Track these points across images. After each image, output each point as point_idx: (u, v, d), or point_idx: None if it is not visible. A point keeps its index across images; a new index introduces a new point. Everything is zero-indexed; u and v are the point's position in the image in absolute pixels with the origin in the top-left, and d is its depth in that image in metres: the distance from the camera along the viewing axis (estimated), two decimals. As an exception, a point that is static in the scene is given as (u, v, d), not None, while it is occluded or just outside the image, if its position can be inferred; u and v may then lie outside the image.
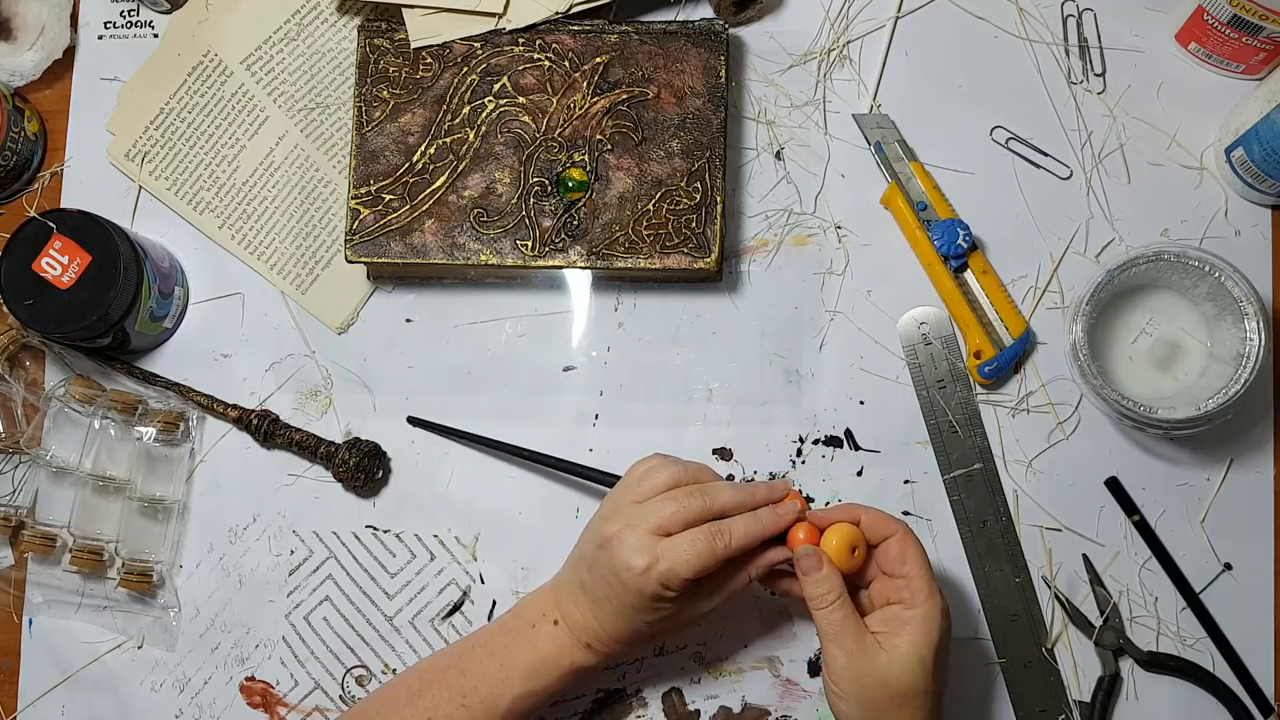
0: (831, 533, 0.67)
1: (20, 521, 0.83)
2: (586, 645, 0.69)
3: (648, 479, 0.69)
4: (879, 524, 0.68)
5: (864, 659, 0.64)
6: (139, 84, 0.87)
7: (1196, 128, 0.83)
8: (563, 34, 0.81)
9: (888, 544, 0.68)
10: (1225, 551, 0.80)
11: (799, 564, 0.67)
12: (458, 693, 0.69)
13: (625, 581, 0.65)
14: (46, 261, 0.77)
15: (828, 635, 0.65)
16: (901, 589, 0.66)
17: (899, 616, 0.66)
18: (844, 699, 0.65)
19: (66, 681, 0.83)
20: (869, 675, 0.64)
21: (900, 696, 0.64)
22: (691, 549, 0.65)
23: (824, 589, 0.66)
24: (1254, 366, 0.75)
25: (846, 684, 0.65)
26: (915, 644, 0.64)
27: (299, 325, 0.85)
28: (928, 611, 0.65)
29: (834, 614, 0.65)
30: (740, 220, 0.84)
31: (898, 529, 0.68)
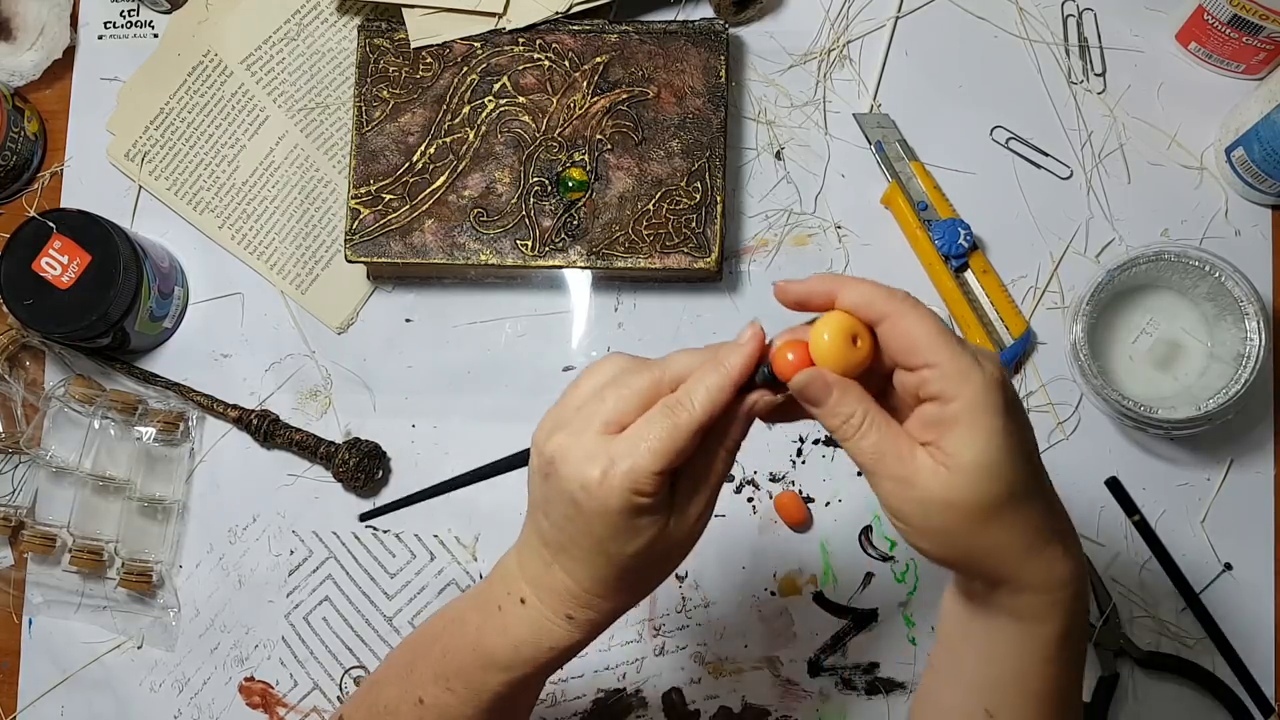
0: (820, 329, 0.50)
1: (20, 521, 0.83)
2: (567, 617, 0.55)
3: (587, 377, 0.54)
4: (868, 303, 0.50)
5: (918, 484, 0.48)
6: (139, 84, 0.87)
7: (1197, 128, 0.83)
8: (563, 34, 0.81)
9: (887, 331, 0.50)
10: (1225, 552, 0.80)
11: (804, 398, 0.50)
12: (442, 674, 0.59)
13: (584, 504, 0.51)
14: (46, 261, 0.77)
15: (867, 469, 0.50)
16: (929, 381, 0.49)
17: (941, 416, 0.48)
18: (916, 535, 0.50)
19: (66, 681, 0.83)
20: (931, 502, 0.48)
21: (981, 512, 0.48)
22: (650, 433, 0.50)
23: (845, 413, 0.49)
24: (1254, 366, 0.75)
25: (911, 516, 0.49)
26: (974, 448, 0.47)
27: (299, 325, 0.85)
28: (971, 398, 0.48)
29: (866, 440, 0.49)
30: (740, 220, 0.84)
31: (889, 309, 0.49)
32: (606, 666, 0.81)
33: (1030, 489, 0.49)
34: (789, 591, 0.81)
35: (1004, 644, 0.53)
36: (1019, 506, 0.49)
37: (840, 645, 0.80)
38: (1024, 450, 0.49)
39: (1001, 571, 0.50)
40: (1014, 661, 0.53)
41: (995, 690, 0.54)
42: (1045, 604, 0.51)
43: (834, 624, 0.81)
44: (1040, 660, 0.53)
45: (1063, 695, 0.54)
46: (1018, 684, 0.53)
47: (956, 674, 0.56)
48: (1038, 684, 0.53)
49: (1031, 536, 0.50)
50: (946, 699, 0.57)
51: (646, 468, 0.50)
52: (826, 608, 0.81)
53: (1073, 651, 0.53)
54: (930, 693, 0.59)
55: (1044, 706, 0.54)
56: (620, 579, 0.53)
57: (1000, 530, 0.49)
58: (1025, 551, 0.50)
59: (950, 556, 0.50)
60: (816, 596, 0.81)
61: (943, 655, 0.57)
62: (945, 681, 0.57)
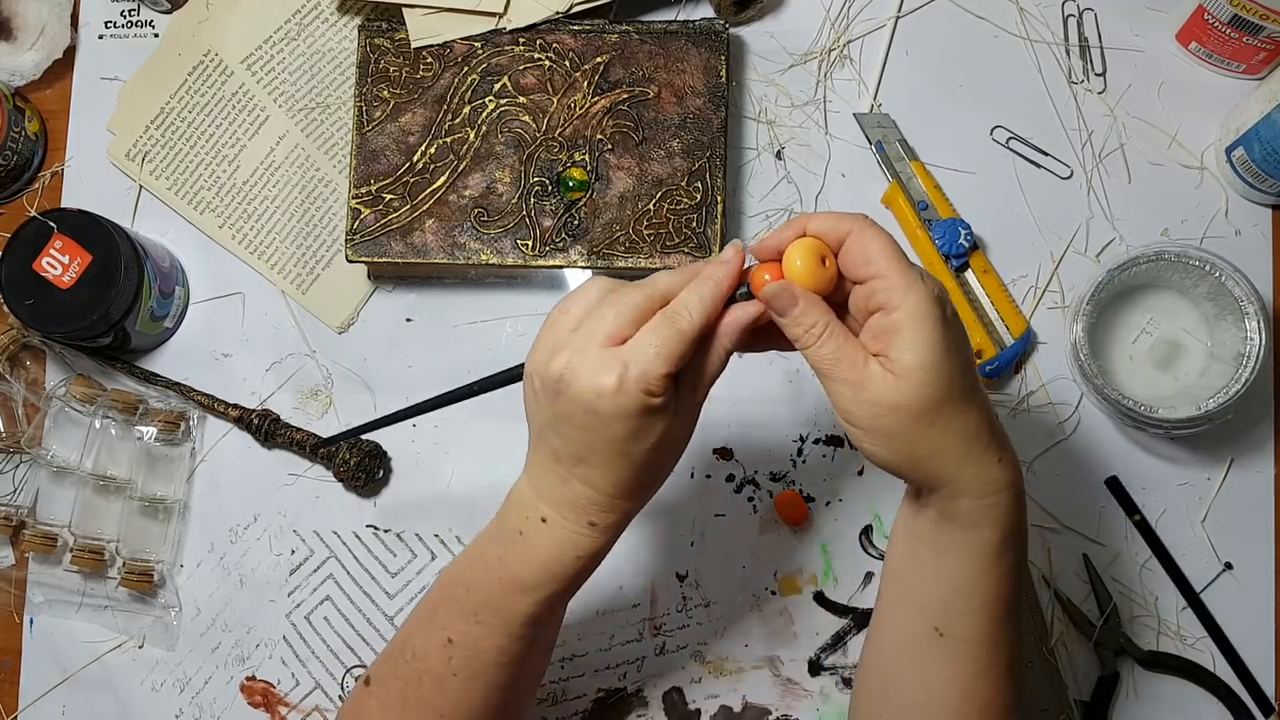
0: (792, 253, 0.56)
1: (21, 521, 0.83)
2: (589, 524, 0.59)
3: (574, 302, 0.58)
4: (833, 226, 0.56)
5: (869, 388, 0.54)
6: (139, 84, 0.87)
7: (1197, 127, 0.83)
8: (563, 34, 0.81)
9: (846, 248, 0.56)
10: (1226, 551, 0.80)
11: (773, 306, 0.56)
12: (469, 609, 0.61)
13: (603, 411, 0.55)
14: (47, 261, 0.77)
15: (824, 374, 0.55)
16: (877, 291, 0.54)
17: (886, 325, 0.54)
18: (866, 436, 0.55)
19: (67, 681, 0.83)
20: (880, 404, 0.53)
21: (924, 415, 0.53)
22: (657, 340, 0.55)
23: (807, 323, 0.55)
24: (1254, 366, 0.75)
25: (862, 419, 0.54)
26: (914, 350, 0.53)
27: (299, 325, 0.85)
28: (912, 307, 0.53)
29: (824, 347, 0.55)
30: (741, 220, 0.84)
31: (850, 227, 0.56)
32: (607, 666, 0.81)
33: (967, 395, 0.54)
34: (789, 591, 0.81)
35: (948, 557, 0.58)
36: (956, 410, 0.54)
37: (841, 644, 0.81)
38: (961, 358, 0.54)
39: (942, 474, 0.55)
40: (959, 575, 0.57)
41: (942, 607, 0.58)
42: (983, 508, 0.56)
43: (834, 623, 0.81)
44: (981, 570, 0.57)
45: (1006, 606, 0.58)
46: (963, 598, 0.58)
47: (905, 599, 0.61)
48: (981, 596, 0.57)
49: (969, 440, 0.55)
50: (896, 625, 0.61)
51: (657, 370, 0.54)
52: (827, 607, 0.81)
53: (1013, 559, 0.58)
54: (880, 626, 0.63)
55: (989, 618, 0.58)
56: (637, 477, 0.57)
57: (940, 432, 0.54)
58: (964, 454, 0.55)
59: (894, 459, 0.55)
60: (817, 596, 0.81)
61: (890, 586, 0.62)
62: (894, 609, 0.62)
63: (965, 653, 0.58)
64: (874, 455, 0.56)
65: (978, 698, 0.59)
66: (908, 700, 0.61)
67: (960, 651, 0.58)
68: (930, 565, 0.59)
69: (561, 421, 0.57)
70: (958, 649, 0.58)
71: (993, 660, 0.59)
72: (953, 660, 0.59)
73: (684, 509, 0.82)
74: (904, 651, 0.61)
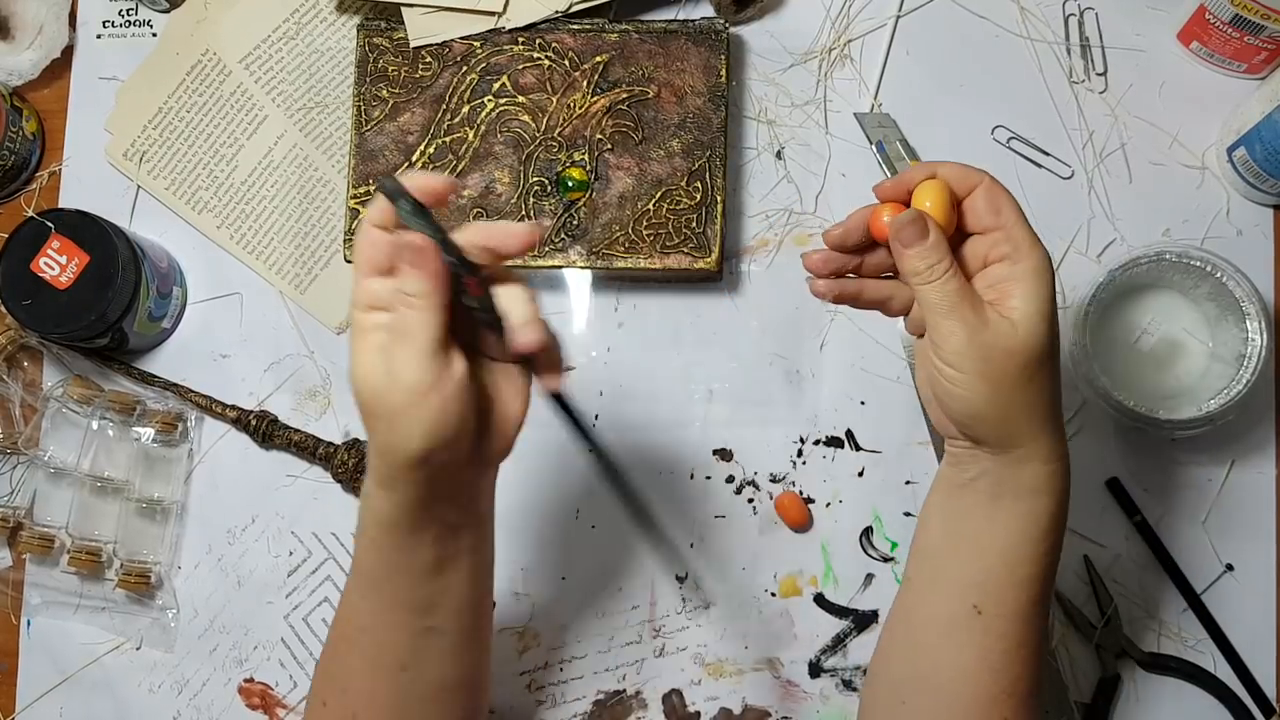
0: (925, 192, 0.57)
1: (18, 522, 0.83)
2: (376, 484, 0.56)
3: None
4: (962, 175, 0.57)
5: (987, 330, 0.54)
6: (137, 83, 0.87)
7: (1198, 127, 0.83)
8: (562, 33, 0.81)
9: (973, 197, 0.57)
10: (1227, 552, 0.80)
11: (899, 236, 0.56)
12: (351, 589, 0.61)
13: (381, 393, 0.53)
14: (44, 261, 0.77)
15: (944, 310, 0.55)
16: (1001, 243, 0.56)
17: (1008, 275, 0.56)
18: (968, 382, 0.55)
19: (65, 683, 0.83)
20: (995, 347, 0.54)
21: (1032, 364, 0.55)
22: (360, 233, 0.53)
23: (934, 258, 0.55)
24: (1256, 367, 0.75)
25: (970, 362, 0.55)
26: (1035, 300, 0.55)
27: (298, 325, 0.85)
28: (1037, 262, 0.55)
29: (949, 285, 0.55)
30: (740, 220, 0.84)
31: (983, 178, 0.57)
32: (607, 668, 0.81)
33: (1057, 359, 0.56)
34: (789, 592, 0.81)
35: (1000, 529, 0.58)
36: (1051, 371, 0.56)
37: (841, 646, 0.80)
38: (1058, 324, 0.56)
39: (1025, 431, 0.56)
40: (1010, 547, 0.58)
41: (983, 584, 0.59)
42: (1047, 474, 0.57)
43: (835, 625, 0.81)
44: (1032, 540, 0.58)
45: (1046, 584, 0.59)
46: (1007, 572, 0.58)
47: (941, 579, 0.61)
48: (1025, 569, 0.58)
49: (1051, 402, 0.57)
50: (930, 608, 0.62)
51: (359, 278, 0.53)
52: (827, 609, 0.81)
53: (1058, 536, 0.59)
54: (909, 610, 0.64)
55: (1030, 593, 0.59)
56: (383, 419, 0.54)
57: (1036, 388, 0.56)
58: (1046, 415, 0.57)
59: (988, 409, 0.56)
60: (817, 597, 0.81)
61: (924, 568, 0.63)
62: (927, 591, 0.62)
63: (1000, 629, 0.59)
64: (968, 405, 0.56)
65: (1005, 676, 0.59)
66: (935, 681, 0.61)
67: (996, 628, 0.59)
68: (976, 541, 0.59)
69: None
70: (994, 625, 0.59)
71: (1025, 638, 0.59)
72: (986, 636, 0.59)
73: (684, 510, 0.82)
74: (936, 633, 0.61)
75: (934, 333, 0.56)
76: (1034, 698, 0.61)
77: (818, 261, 0.61)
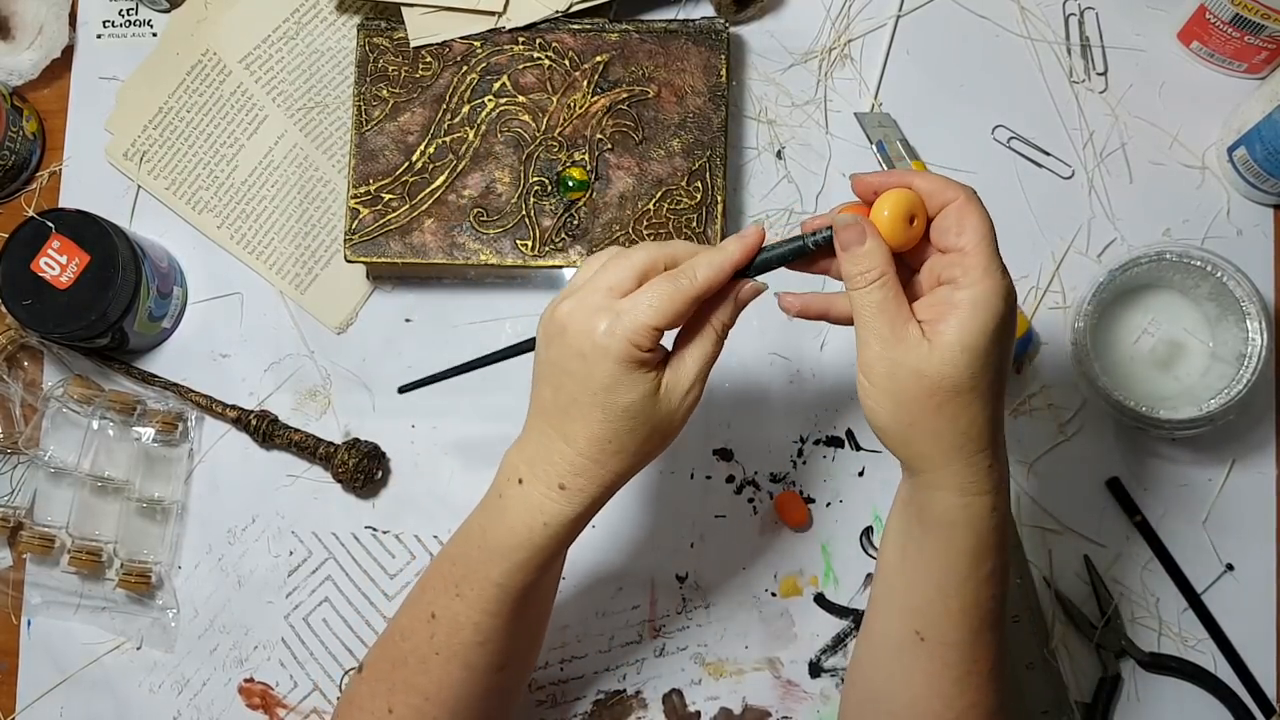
0: (885, 200, 0.56)
1: (19, 522, 0.83)
2: (560, 487, 0.59)
3: (589, 263, 0.60)
4: (939, 190, 0.56)
5: (900, 347, 0.54)
6: (137, 83, 0.87)
7: (1198, 127, 0.83)
8: (563, 33, 0.81)
9: (945, 214, 0.56)
10: (1227, 552, 0.80)
11: (838, 238, 0.56)
12: (451, 582, 0.62)
13: (589, 353, 0.56)
14: (45, 261, 0.77)
15: (861, 318, 0.55)
16: (954, 265, 0.55)
17: (947, 299, 0.54)
18: (874, 394, 0.55)
19: (65, 682, 0.83)
20: (903, 366, 0.54)
21: (940, 393, 0.53)
22: (654, 294, 0.56)
23: (864, 266, 0.55)
24: (1256, 366, 0.75)
25: (878, 375, 0.54)
26: (962, 331, 0.53)
27: (298, 325, 0.85)
28: (981, 293, 0.53)
29: (872, 294, 0.55)
30: (741, 220, 0.84)
31: (959, 195, 0.55)
32: (607, 668, 0.81)
33: (984, 393, 0.54)
34: (790, 592, 0.81)
35: (930, 558, 0.57)
36: (968, 402, 0.54)
37: (841, 646, 0.80)
38: (998, 359, 0.54)
39: (930, 458, 0.55)
40: (938, 577, 0.57)
41: (922, 612, 0.58)
42: (959, 507, 0.56)
43: (835, 625, 0.81)
44: (959, 574, 0.57)
45: (985, 614, 0.58)
46: (942, 602, 0.58)
47: (891, 601, 0.61)
48: (959, 601, 0.57)
49: (967, 435, 0.55)
50: (883, 627, 0.61)
51: (646, 322, 0.55)
52: (827, 609, 0.81)
53: (991, 567, 0.57)
54: (868, 628, 0.64)
55: (967, 624, 0.58)
56: (614, 437, 0.57)
57: (945, 416, 0.54)
58: (958, 446, 0.55)
59: (891, 426, 0.55)
60: (817, 597, 0.81)
61: (879, 587, 0.62)
62: (881, 611, 0.62)
63: (944, 657, 0.58)
64: (873, 416, 0.56)
65: (958, 703, 0.59)
66: (892, 704, 0.61)
67: (940, 655, 0.58)
68: (915, 567, 0.59)
69: (554, 369, 0.58)
70: (938, 653, 0.58)
71: (971, 667, 0.58)
72: (932, 664, 0.59)
73: (684, 510, 0.82)
74: (889, 654, 0.61)
75: (857, 339, 0.56)
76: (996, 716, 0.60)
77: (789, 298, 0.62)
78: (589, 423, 0.57)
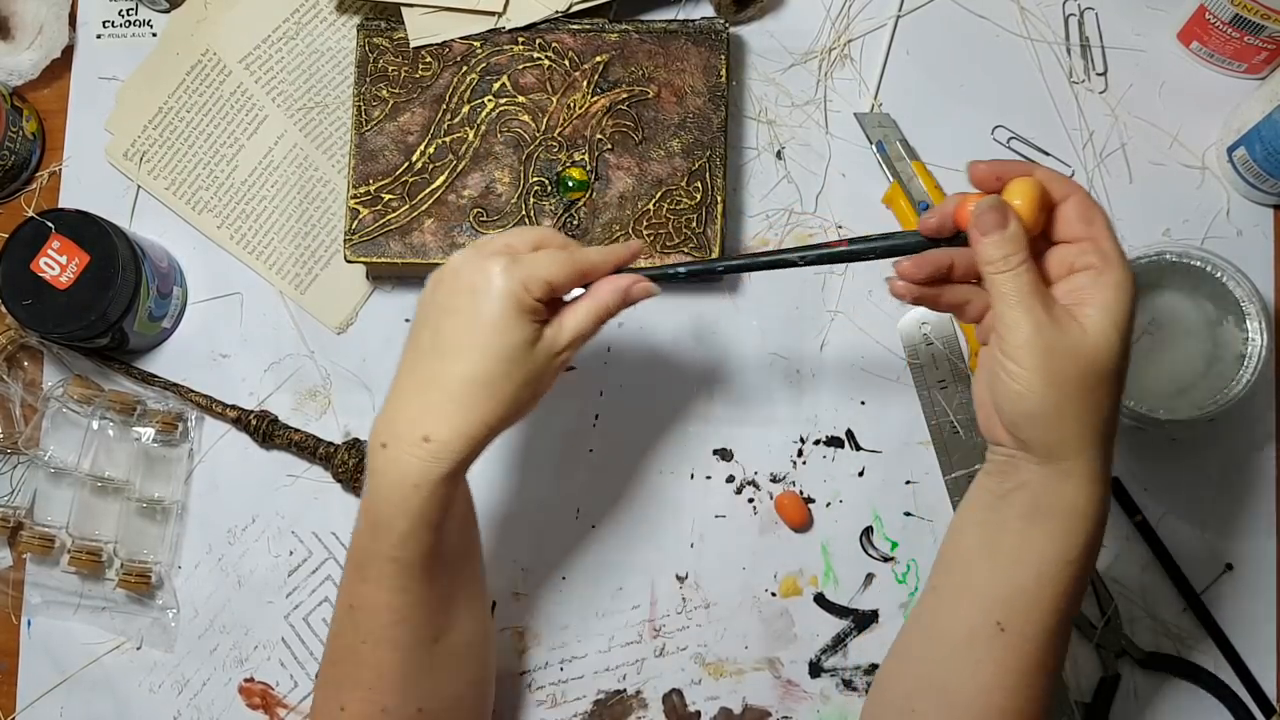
0: (1016, 189, 0.56)
1: (18, 522, 0.83)
2: (424, 440, 0.58)
3: None
4: (1055, 183, 0.57)
5: (1055, 329, 0.53)
6: (137, 83, 0.87)
7: (1198, 127, 0.83)
8: (563, 33, 0.81)
9: (1066, 205, 0.57)
10: (1226, 552, 0.80)
11: (978, 222, 0.55)
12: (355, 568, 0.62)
13: (480, 288, 0.58)
14: (45, 261, 0.77)
15: (1014, 299, 0.54)
16: (1089, 253, 0.56)
17: (1090, 284, 0.55)
18: (1024, 377, 0.54)
19: (65, 682, 0.83)
20: (1059, 348, 0.53)
21: (1094, 375, 0.54)
22: (550, 254, 0.60)
23: (1010, 248, 0.54)
24: (1256, 367, 0.75)
25: (1032, 358, 0.54)
26: (1111, 313, 0.54)
27: (298, 325, 0.85)
28: (1121, 277, 0.55)
29: (1021, 277, 0.54)
30: (741, 220, 0.84)
31: (1078, 188, 0.57)
32: (607, 668, 0.81)
33: (1121, 382, 0.55)
34: (790, 592, 0.81)
35: (1034, 544, 0.57)
36: (1111, 388, 0.55)
37: (841, 646, 0.80)
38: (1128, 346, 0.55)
39: (1075, 442, 0.55)
40: (1039, 565, 0.57)
41: (1011, 600, 0.57)
42: (1088, 495, 0.56)
43: (835, 625, 0.81)
44: (1067, 562, 0.56)
45: (1071, 606, 0.58)
46: (1037, 590, 0.57)
47: (967, 592, 0.60)
48: (1054, 590, 0.57)
49: (1105, 421, 0.55)
50: (951, 619, 0.60)
51: (539, 273, 0.59)
52: (827, 608, 0.81)
53: (1091, 560, 0.57)
54: (931, 619, 0.62)
55: (1056, 616, 0.57)
56: (487, 380, 0.58)
57: (1093, 402, 0.54)
58: (1099, 432, 0.55)
59: (1041, 410, 0.54)
60: (817, 597, 0.81)
61: (951, 578, 0.62)
62: (952, 600, 0.61)
63: (1022, 648, 0.58)
64: (1020, 401, 0.55)
65: (1019, 697, 0.58)
66: (948, 694, 0.60)
67: (1017, 647, 0.58)
68: (1009, 557, 0.58)
69: (437, 309, 0.60)
70: (1015, 644, 0.58)
71: (1043, 660, 0.58)
72: (1007, 655, 0.58)
73: (684, 510, 0.82)
74: (956, 645, 0.60)
75: (1000, 324, 0.55)
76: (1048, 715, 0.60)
77: (909, 267, 0.59)
78: (465, 361, 0.58)
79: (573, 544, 0.82)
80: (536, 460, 0.82)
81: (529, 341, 0.59)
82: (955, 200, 0.58)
